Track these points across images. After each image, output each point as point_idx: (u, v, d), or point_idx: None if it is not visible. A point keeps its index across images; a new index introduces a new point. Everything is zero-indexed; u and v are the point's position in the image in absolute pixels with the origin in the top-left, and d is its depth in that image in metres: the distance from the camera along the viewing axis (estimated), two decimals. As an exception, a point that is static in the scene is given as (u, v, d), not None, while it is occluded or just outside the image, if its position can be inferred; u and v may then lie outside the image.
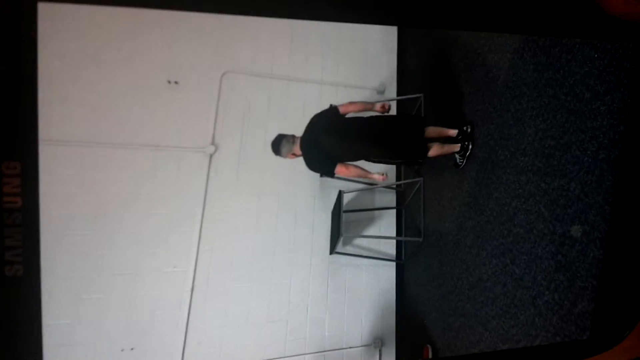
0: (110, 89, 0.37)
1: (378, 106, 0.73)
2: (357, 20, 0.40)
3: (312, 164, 0.60)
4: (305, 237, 0.54)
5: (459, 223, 0.54)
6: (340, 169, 0.59)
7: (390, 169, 0.53)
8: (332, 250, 0.64)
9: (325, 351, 0.52)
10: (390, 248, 0.58)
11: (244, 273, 0.50)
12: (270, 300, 0.50)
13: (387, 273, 0.56)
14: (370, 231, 0.57)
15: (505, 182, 0.52)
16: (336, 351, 0.53)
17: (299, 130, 0.49)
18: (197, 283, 0.47)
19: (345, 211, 0.56)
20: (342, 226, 0.56)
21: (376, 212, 0.57)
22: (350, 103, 0.64)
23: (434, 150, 0.66)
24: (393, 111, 0.50)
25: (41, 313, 0.35)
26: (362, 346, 0.54)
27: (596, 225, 0.50)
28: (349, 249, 0.57)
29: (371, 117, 0.72)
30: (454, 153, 0.67)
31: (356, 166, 0.67)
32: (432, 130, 0.68)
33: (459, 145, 0.60)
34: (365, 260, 0.62)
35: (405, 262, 0.58)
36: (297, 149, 0.61)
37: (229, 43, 0.42)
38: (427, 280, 0.56)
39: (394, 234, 0.58)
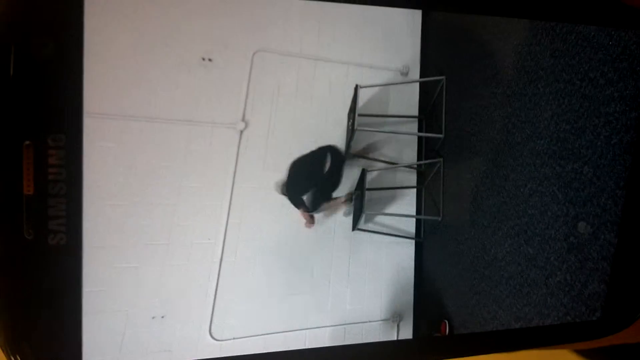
0: (147, 65, 0.39)
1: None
2: (383, 4, 0.41)
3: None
4: (329, 214, 0.55)
5: (476, 203, 0.54)
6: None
7: (412, 149, 0.54)
8: (354, 227, 0.65)
9: (345, 324, 0.53)
10: (410, 226, 0.58)
11: (270, 247, 0.51)
12: (294, 274, 0.51)
13: (407, 250, 0.57)
14: (391, 209, 0.58)
15: (521, 165, 0.53)
16: (356, 324, 0.54)
17: (326, 110, 0.50)
18: (225, 255, 0.49)
19: (368, 189, 0.57)
20: (364, 204, 0.56)
21: (397, 191, 0.58)
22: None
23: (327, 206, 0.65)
24: (415, 96, 0.50)
25: (82, 282, 0.36)
26: (381, 320, 0.55)
27: (608, 208, 0.51)
28: (370, 226, 0.58)
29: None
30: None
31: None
32: (325, 205, 0.66)
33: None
34: (386, 237, 0.63)
35: (424, 240, 0.59)
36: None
37: (261, 22, 0.43)
38: (445, 258, 0.57)
39: (414, 212, 0.59)
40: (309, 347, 0.48)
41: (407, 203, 0.57)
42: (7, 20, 0.30)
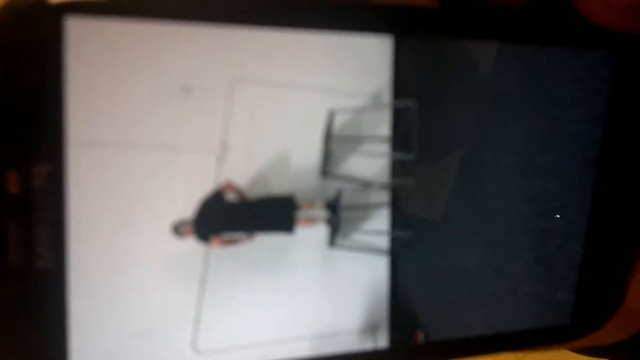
0: (126, 94, 0.38)
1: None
2: (354, 30, 0.42)
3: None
4: (307, 232, 0.55)
5: (447, 219, 0.55)
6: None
7: (384, 168, 0.55)
8: (331, 244, 0.65)
9: (322, 336, 0.53)
10: (384, 242, 0.59)
11: (250, 264, 0.51)
12: (275, 289, 0.51)
13: (381, 264, 0.58)
14: (366, 226, 0.59)
15: (490, 181, 0.53)
16: (332, 336, 0.54)
17: (303, 137, 0.50)
18: (209, 272, 0.48)
19: (344, 209, 0.57)
20: (340, 222, 0.57)
21: (370, 208, 0.59)
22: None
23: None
24: (387, 121, 0.50)
25: (68, 304, 0.36)
26: (357, 331, 0.55)
27: (574, 220, 0.52)
28: (346, 243, 0.58)
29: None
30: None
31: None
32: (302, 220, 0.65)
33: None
34: (361, 253, 0.63)
35: (398, 255, 0.59)
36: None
37: (239, 52, 0.43)
38: (418, 271, 0.57)
39: (387, 228, 0.59)
40: (288, 358, 0.48)
41: (380, 220, 0.57)
42: None
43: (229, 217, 0.51)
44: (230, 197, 0.53)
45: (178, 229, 0.52)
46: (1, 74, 0.31)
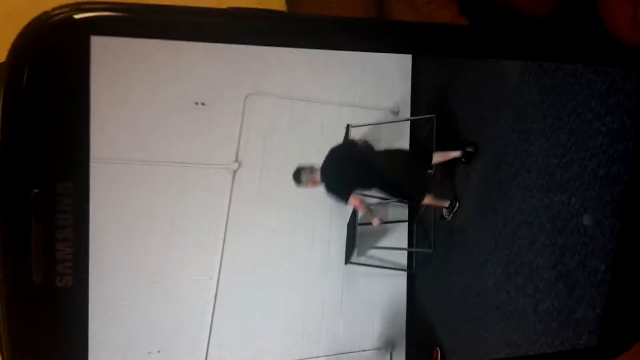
0: (143, 111, 0.37)
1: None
2: (373, 49, 0.40)
3: (330, 192, 0.59)
4: (322, 249, 0.54)
5: (467, 235, 0.54)
6: (353, 200, 0.58)
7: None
8: (347, 261, 0.64)
9: (339, 354, 0.52)
10: (402, 259, 0.57)
11: (264, 281, 0.50)
12: (288, 307, 0.50)
13: (399, 282, 0.56)
14: (383, 243, 0.57)
15: (510, 198, 0.52)
16: (349, 354, 0.53)
17: (317, 151, 0.49)
18: (220, 290, 0.47)
19: (360, 224, 0.56)
20: (356, 238, 0.56)
21: (389, 225, 0.57)
22: (365, 141, 0.64)
23: (428, 200, 0.65)
24: (406, 134, 0.50)
25: (88, 321, 0.36)
26: (374, 349, 0.54)
27: (595, 237, 0.51)
28: (362, 259, 0.57)
29: (384, 151, 0.70)
30: (442, 207, 0.66)
31: (365, 205, 0.65)
32: (437, 156, 0.66)
33: (449, 202, 0.60)
34: (378, 269, 0.62)
35: (416, 272, 0.58)
36: (317, 177, 0.60)
37: (253, 66, 0.42)
38: (436, 288, 0.56)
39: (405, 245, 0.58)
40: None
41: (399, 236, 0.55)
42: (16, 69, 0.29)
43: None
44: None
45: (301, 178, 0.51)
46: (31, 88, 0.30)
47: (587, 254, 0.49)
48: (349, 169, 0.60)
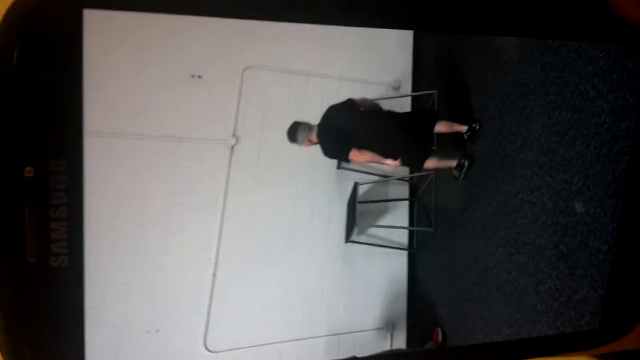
0: (138, 84, 0.37)
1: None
2: (374, 25, 0.40)
3: (328, 150, 0.58)
4: (322, 227, 0.53)
5: (468, 214, 0.53)
6: (354, 154, 0.58)
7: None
8: (347, 239, 0.64)
9: (339, 334, 0.52)
10: (402, 238, 0.57)
11: (263, 260, 0.49)
12: (288, 286, 0.50)
13: (399, 261, 0.56)
14: (384, 221, 0.57)
15: (512, 176, 0.52)
16: (350, 334, 0.53)
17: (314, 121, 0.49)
18: (219, 269, 0.47)
19: (360, 202, 0.56)
20: (356, 216, 0.55)
21: (389, 203, 0.57)
22: (365, 99, 0.63)
23: (431, 163, 0.64)
24: (407, 110, 0.49)
25: (84, 302, 0.35)
26: (374, 329, 0.53)
27: (597, 217, 0.50)
28: (363, 238, 0.57)
29: (387, 112, 0.69)
30: (451, 168, 0.65)
31: (369, 152, 0.64)
32: (442, 125, 0.66)
33: (457, 162, 0.59)
34: (379, 248, 0.61)
35: (416, 251, 0.57)
36: (313, 136, 0.59)
37: (251, 39, 0.42)
38: (437, 268, 0.55)
39: (406, 224, 0.57)
40: (304, 358, 0.46)
41: (399, 215, 0.55)
42: (6, 43, 0.29)
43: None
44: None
45: (296, 136, 0.50)
46: (22, 64, 0.29)
47: (588, 233, 0.48)
48: (348, 126, 0.59)
